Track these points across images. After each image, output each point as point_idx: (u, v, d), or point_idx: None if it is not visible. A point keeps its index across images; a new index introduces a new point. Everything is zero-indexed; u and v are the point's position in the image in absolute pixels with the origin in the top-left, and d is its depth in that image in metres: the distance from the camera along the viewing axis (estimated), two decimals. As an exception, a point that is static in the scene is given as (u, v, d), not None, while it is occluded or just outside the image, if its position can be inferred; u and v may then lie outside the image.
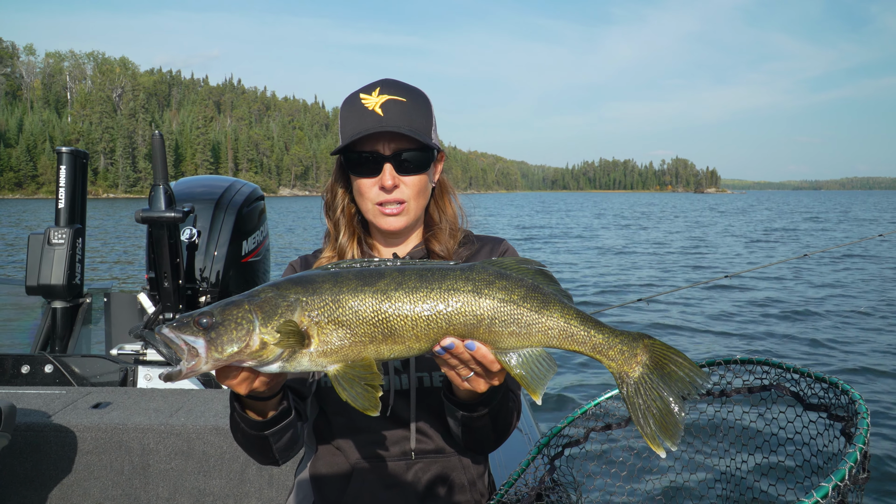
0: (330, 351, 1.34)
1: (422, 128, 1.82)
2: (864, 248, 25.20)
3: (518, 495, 2.06)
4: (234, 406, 1.66)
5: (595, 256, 25.93)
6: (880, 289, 16.94)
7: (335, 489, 1.94)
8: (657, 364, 1.39)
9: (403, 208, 1.85)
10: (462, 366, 1.43)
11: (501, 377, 1.46)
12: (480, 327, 1.37)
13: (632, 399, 1.39)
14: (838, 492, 1.36)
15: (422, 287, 1.36)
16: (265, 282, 4.09)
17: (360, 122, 1.79)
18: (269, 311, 1.31)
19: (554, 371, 1.40)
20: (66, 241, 4.02)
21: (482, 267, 1.41)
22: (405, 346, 1.37)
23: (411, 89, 1.87)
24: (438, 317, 1.35)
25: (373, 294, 1.34)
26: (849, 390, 1.67)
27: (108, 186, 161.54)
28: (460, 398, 1.69)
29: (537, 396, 1.38)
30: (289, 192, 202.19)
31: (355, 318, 1.33)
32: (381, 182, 1.82)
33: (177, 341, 1.27)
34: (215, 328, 1.28)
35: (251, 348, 1.29)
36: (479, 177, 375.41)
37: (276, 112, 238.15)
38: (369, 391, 1.33)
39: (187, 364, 1.27)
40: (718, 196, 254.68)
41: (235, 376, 1.38)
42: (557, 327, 1.38)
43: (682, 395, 1.38)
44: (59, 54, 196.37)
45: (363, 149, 1.82)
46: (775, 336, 11.56)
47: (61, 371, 3.75)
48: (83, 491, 2.92)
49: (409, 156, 1.82)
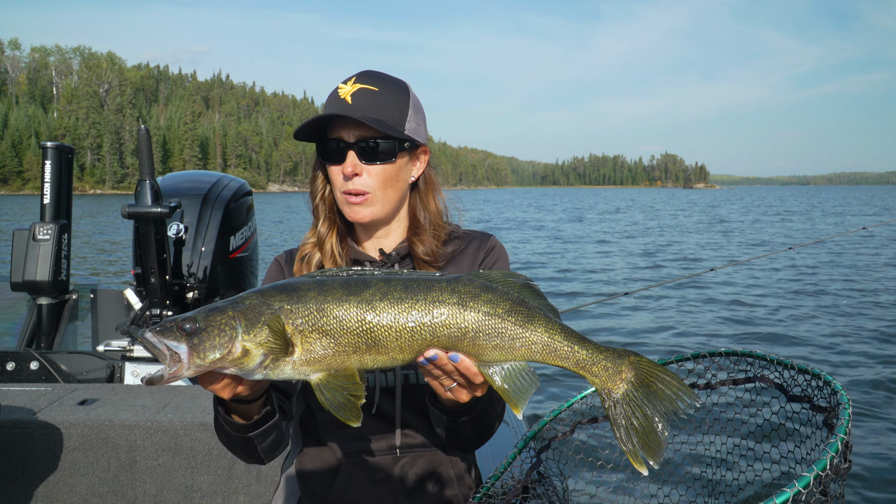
0: (313, 360, 1.34)
1: (391, 117, 1.82)
2: (841, 244, 25.53)
3: (504, 488, 2.07)
4: (218, 410, 1.65)
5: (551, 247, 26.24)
6: (860, 280, 17.18)
7: (322, 484, 1.94)
8: (643, 381, 1.39)
9: (367, 198, 1.84)
10: (445, 377, 1.43)
11: (484, 389, 1.46)
12: (465, 340, 1.37)
13: (614, 416, 1.39)
14: (820, 482, 1.37)
15: (407, 298, 1.35)
16: (252, 278, 4.10)
17: (329, 111, 1.82)
18: (253, 319, 1.30)
19: (536, 386, 1.40)
20: (51, 237, 3.99)
21: (468, 279, 1.41)
22: (389, 356, 1.37)
23: (387, 79, 1.88)
24: (423, 328, 1.35)
25: (357, 304, 1.34)
26: (831, 381, 1.69)
27: (96, 182, 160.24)
28: (444, 406, 1.70)
29: (518, 410, 1.38)
30: (278, 188, 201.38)
31: (339, 328, 1.33)
32: (343, 169, 1.83)
33: (159, 346, 1.27)
34: (198, 334, 1.27)
35: (233, 355, 1.29)
36: (469, 173, 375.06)
37: (265, 108, 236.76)
38: (351, 401, 1.33)
39: (169, 369, 1.26)
40: (706, 192, 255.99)
41: (218, 382, 1.38)
42: (541, 342, 1.38)
43: (669, 413, 1.38)
44: (45, 49, 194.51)
45: (331, 136, 1.85)
46: (758, 329, 11.66)
47: (47, 368, 3.72)
48: (69, 488, 2.91)
49: (373, 144, 1.82)
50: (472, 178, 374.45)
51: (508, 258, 2.05)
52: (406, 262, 1.96)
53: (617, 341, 10.76)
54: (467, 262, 1.99)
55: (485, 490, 2.02)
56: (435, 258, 1.94)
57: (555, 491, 2.11)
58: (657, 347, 10.43)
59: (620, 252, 26.16)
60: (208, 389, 1.41)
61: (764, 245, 28.06)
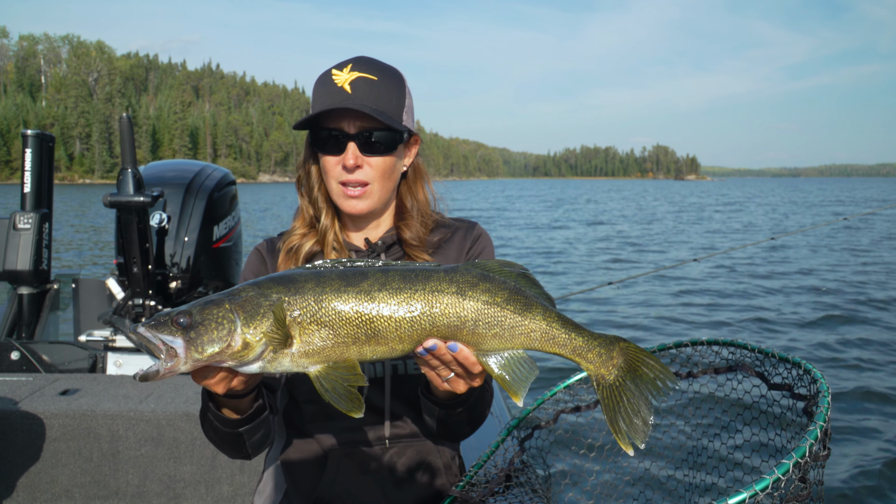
0: (312, 351, 1.33)
1: (391, 108, 1.78)
2: (819, 234, 25.83)
3: (487, 477, 2.06)
4: (209, 405, 1.63)
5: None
6: (839, 269, 17.38)
7: (309, 476, 1.93)
8: (630, 366, 1.42)
9: (366, 191, 1.81)
10: (443, 367, 1.43)
11: (482, 379, 1.46)
12: (464, 329, 1.37)
13: (606, 400, 1.42)
14: (799, 468, 1.39)
15: (406, 288, 1.35)
16: (236, 268, 4.07)
17: (327, 98, 1.75)
18: (252, 311, 1.29)
19: (535, 374, 1.41)
20: (32, 226, 3.94)
21: (465, 269, 1.41)
22: (388, 347, 1.36)
23: (385, 68, 1.83)
24: (422, 318, 1.35)
25: (356, 294, 1.33)
26: (811, 370, 1.70)
27: (84, 172, 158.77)
28: (438, 398, 1.69)
29: (518, 399, 1.39)
30: (269, 178, 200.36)
31: (338, 319, 1.32)
32: (343, 161, 1.78)
33: (154, 341, 1.25)
34: (195, 328, 1.26)
35: (233, 349, 1.28)
36: (461, 163, 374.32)
37: (255, 97, 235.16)
38: (352, 392, 1.32)
39: (165, 364, 1.24)
40: (697, 183, 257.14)
41: (213, 376, 1.36)
42: (540, 330, 1.39)
43: (652, 395, 1.41)
44: (34, 37, 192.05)
45: (329, 125, 1.78)
46: (738, 318, 11.76)
47: (28, 358, 3.69)
48: (51, 479, 2.89)
49: (375, 136, 1.77)
50: (464, 170, 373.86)
51: (493, 246, 2.04)
52: (393, 250, 1.94)
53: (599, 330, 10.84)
54: (454, 251, 1.97)
55: (468, 479, 2.01)
56: (422, 244, 1.93)
57: (538, 479, 2.11)
58: (639, 337, 10.47)
59: (602, 241, 26.30)
60: (202, 385, 1.39)
61: (749, 228, 28.26)
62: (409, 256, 1.91)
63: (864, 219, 32.40)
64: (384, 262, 1.42)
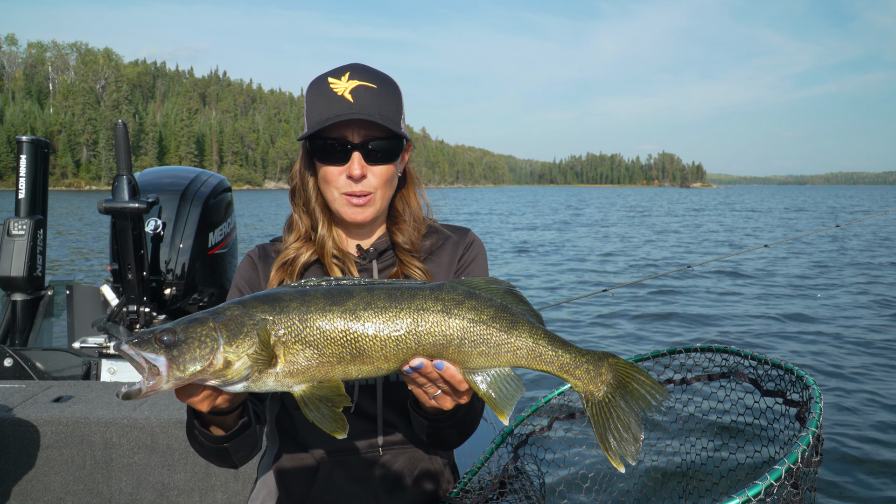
0: (296, 371, 1.32)
1: (392, 116, 1.77)
2: (812, 241, 25.80)
3: (481, 483, 2.05)
4: (193, 422, 1.63)
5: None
6: (833, 274, 17.39)
7: (301, 484, 1.91)
8: (620, 382, 1.40)
9: (370, 199, 1.80)
10: (430, 385, 1.42)
11: (469, 396, 1.45)
12: (450, 347, 1.36)
13: (596, 417, 1.41)
14: (791, 474, 1.38)
15: (391, 307, 1.34)
16: (231, 275, 4.05)
17: (328, 108, 1.72)
18: (235, 330, 1.28)
19: (522, 392, 1.40)
20: (26, 233, 3.94)
21: (451, 286, 1.40)
22: (374, 366, 1.36)
23: (381, 76, 1.81)
24: (408, 337, 1.35)
25: (341, 313, 1.33)
26: (803, 376, 1.70)
27: (91, 178, 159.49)
28: (427, 413, 1.68)
29: (504, 417, 1.38)
30: (274, 185, 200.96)
31: (323, 338, 1.31)
32: (348, 171, 1.75)
33: (137, 359, 1.24)
34: (178, 346, 1.25)
35: (214, 367, 1.27)
36: (467, 171, 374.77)
37: (261, 105, 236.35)
38: (336, 413, 1.32)
39: (147, 383, 1.24)
40: (702, 191, 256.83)
41: (197, 394, 1.35)
42: (526, 347, 1.38)
43: (643, 411, 1.39)
44: (42, 44, 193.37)
45: (331, 135, 1.75)
46: (733, 325, 11.72)
47: (21, 365, 3.68)
48: (44, 486, 2.88)
49: (379, 145, 1.76)
50: (470, 177, 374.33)
51: (486, 253, 2.03)
52: (386, 255, 1.93)
53: (593, 336, 10.82)
54: (447, 257, 1.96)
55: (462, 485, 2.00)
56: (415, 248, 1.91)
57: (532, 486, 2.10)
58: (632, 345, 10.44)
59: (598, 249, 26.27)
60: (186, 402, 1.38)
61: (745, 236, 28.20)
62: (402, 261, 1.90)
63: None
64: (370, 280, 1.42)
